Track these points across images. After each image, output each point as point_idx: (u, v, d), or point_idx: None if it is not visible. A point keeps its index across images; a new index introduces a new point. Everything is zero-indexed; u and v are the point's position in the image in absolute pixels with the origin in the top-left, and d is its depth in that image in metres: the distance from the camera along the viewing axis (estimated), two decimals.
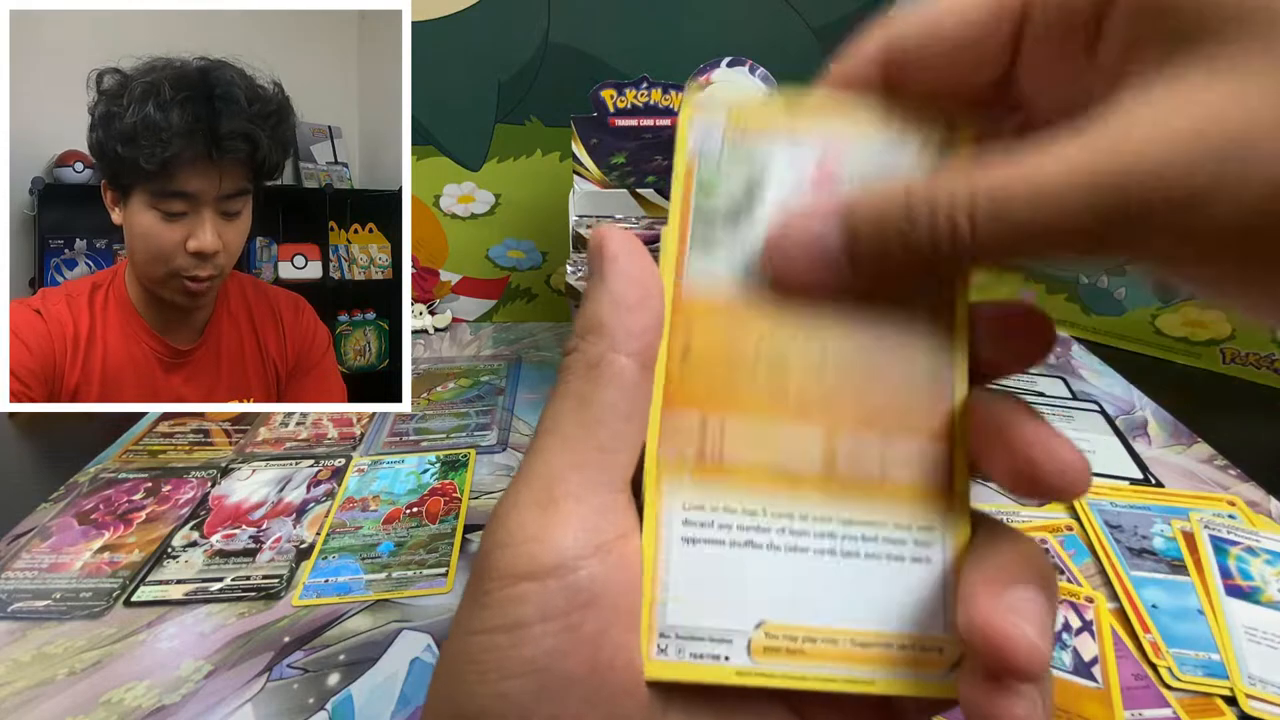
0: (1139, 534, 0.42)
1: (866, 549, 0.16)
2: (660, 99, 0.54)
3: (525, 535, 0.14)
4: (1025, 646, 0.13)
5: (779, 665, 0.15)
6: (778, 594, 0.15)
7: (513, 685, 0.13)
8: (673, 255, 0.16)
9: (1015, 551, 0.15)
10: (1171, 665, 0.34)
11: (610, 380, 0.15)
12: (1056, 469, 0.14)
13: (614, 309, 0.15)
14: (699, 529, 0.15)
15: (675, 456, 0.15)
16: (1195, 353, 0.64)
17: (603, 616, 0.14)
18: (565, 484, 0.14)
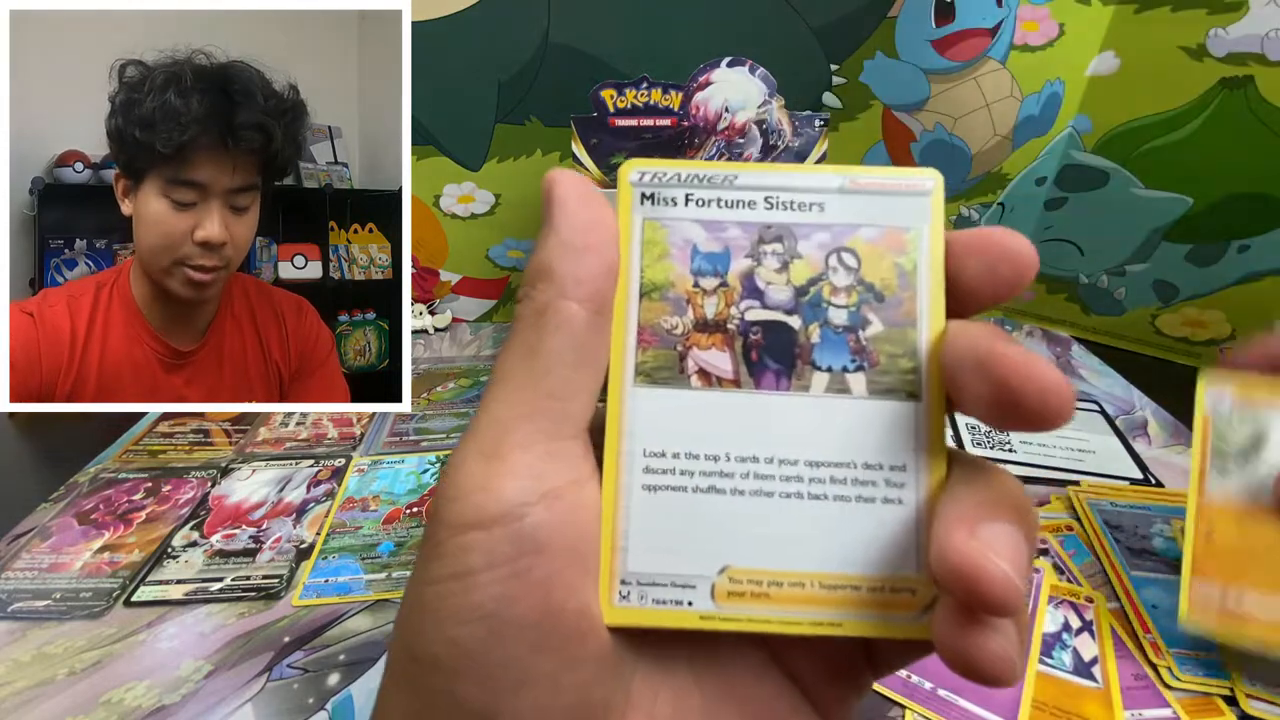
0: (1139, 534, 0.42)
1: (835, 491, 0.15)
2: (660, 99, 0.54)
3: (472, 485, 0.14)
4: (1000, 579, 0.12)
5: (744, 609, 0.15)
6: (743, 538, 0.15)
7: (463, 631, 0.13)
8: (1195, 476, 0.22)
9: (991, 487, 0.14)
10: (1171, 665, 0.34)
11: (558, 327, 0.14)
12: (1036, 391, 0.13)
13: (562, 254, 0.15)
14: (660, 476, 0.15)
15: (1201, 613, 0.18)
16: (1195, 353, 0.64)
17: (552, 562, 0.14)
18: (512, 434, 0.14)
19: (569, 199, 0.15)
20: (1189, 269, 0.62)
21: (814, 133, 0.55)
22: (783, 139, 0.55)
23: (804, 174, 0.16)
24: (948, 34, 0.58)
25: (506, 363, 0.15)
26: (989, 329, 0.15)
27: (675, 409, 0.16)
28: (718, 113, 0.54)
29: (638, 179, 0.16)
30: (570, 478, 0.14)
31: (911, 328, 0.15)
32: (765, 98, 0.54)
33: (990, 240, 0.15)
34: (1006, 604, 0.12)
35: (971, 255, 0.15)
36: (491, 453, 0.14)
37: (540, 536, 0.14)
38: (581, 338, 0.15)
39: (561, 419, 0.14)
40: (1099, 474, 0.48)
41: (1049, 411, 0.13)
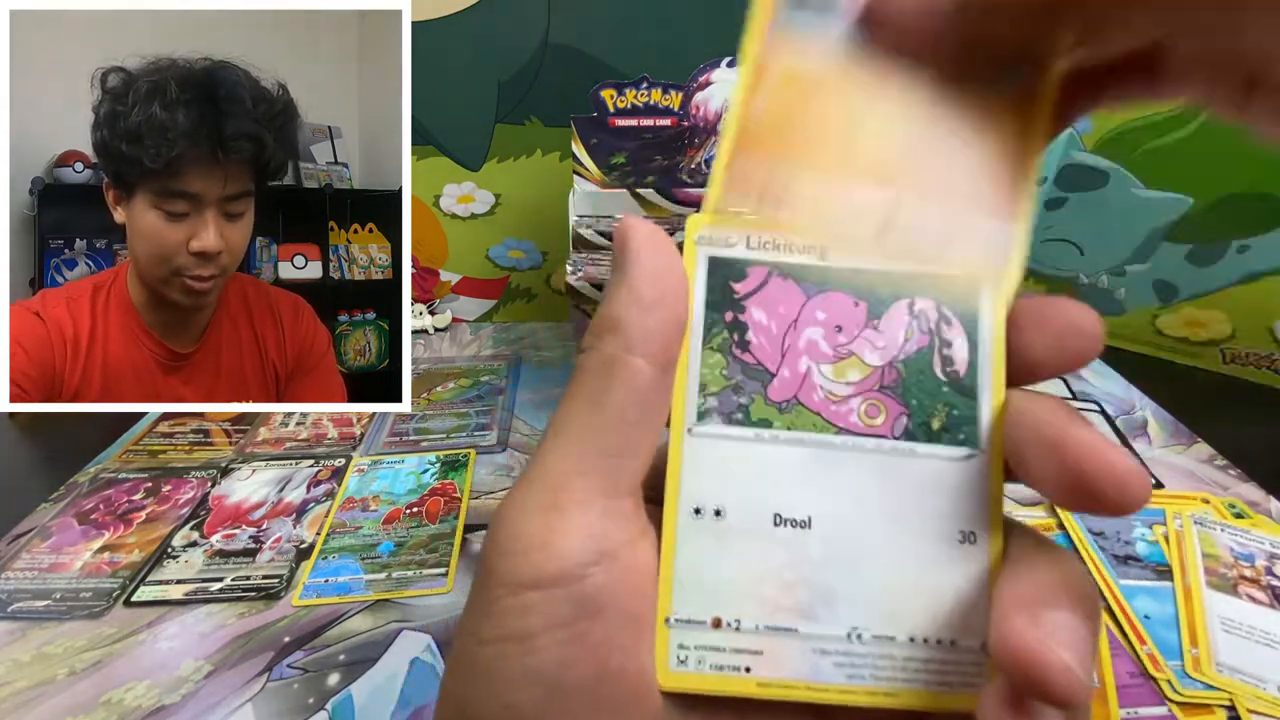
0: (1121, 539, 0.42)
1: (897, 555, 0.15)
2: (660, 99, 0.53)
3: (530, 543, 0.13)
4: (1062, 672, 0.12)
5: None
6: (803, 602, 0.15)
7: (520, 696, 0.13)
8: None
9: (1054, 570, 0.14)
10: (1171, 678, 0.34)
11: (623, 382, 0.14)
12: (1113, 483, 0.13)
13: (632, 307, 0.14)
14: (720, 536, 0.15)
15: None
16: (1195, 353, 0.64)
17: (609, 625, 0.14)
18: (571, 489, 0.14)
19: (643, 250, 0.15)
20: (1189, 269, 0.62)
21: None
22: None
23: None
24: None
25: (568, 414, 0.15)
26: (1058, 405, 0.14)
27: (736, 464, 0.15)
28: (718, 113, 0.54)
29: (703, 237, 0.16)
30: (626, 537, 0.14)
31: (974, 393, 0.15)
32: None
33: (1057, 313, 0.15)
34: (1068, 697, 0.12)
35: (1037, 328, 0.15)
36: (550, 507, 0.14)
37: (600, 599, 0.13)
38: (645, 394, 0.14)
39: (620, 477, 0.14)
40: None
41: (1127, 501, 0.13)
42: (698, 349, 0.16)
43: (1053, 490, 0.14)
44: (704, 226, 0.16)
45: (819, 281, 0.16)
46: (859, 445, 0.15)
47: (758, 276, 0.16)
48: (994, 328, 0.16)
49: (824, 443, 0.15)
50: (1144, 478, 0.13)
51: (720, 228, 0.16)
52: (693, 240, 0.16)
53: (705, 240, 0.16)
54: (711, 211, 0.15)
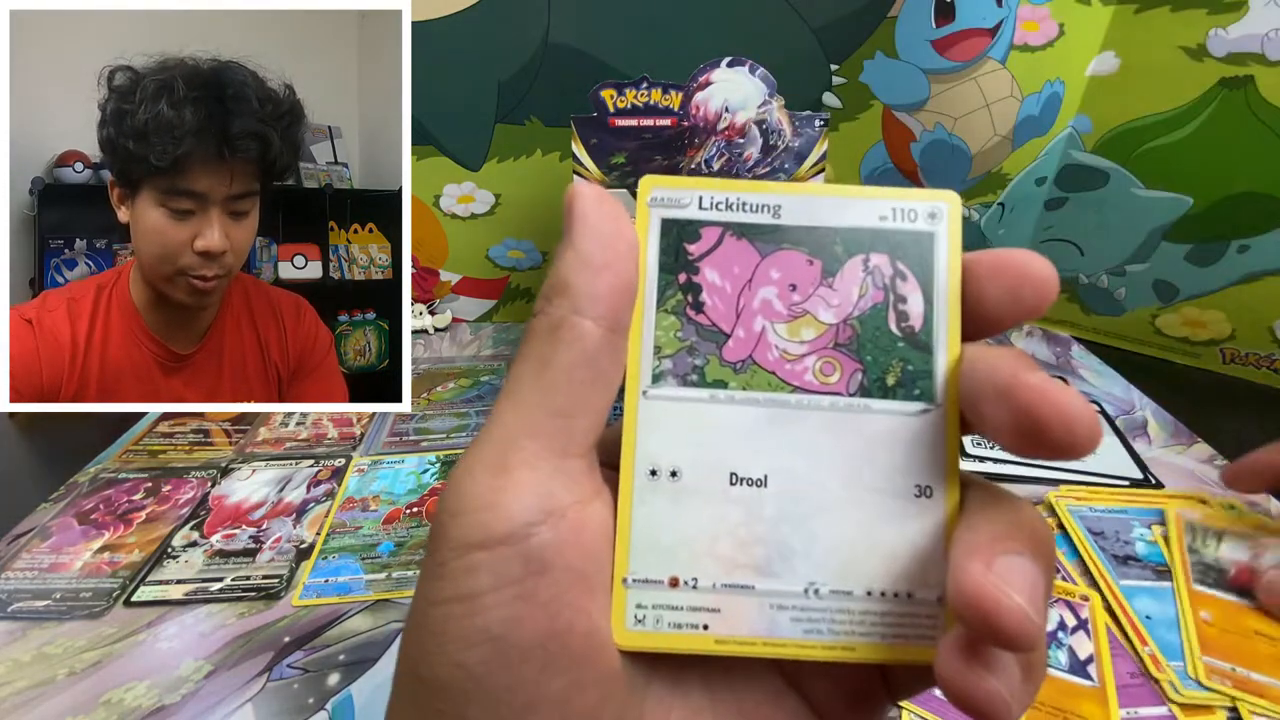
0: (1121, 539, 0.42)
1: (853, 510, 0.15)
2: (660, 99, 0.53)
3: (478, 503, 0.14)
4: (1015, 614, 0.12)
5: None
6: (760, 559, 0.15)
7: (470, 655, 0.13)
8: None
9: (1008, 517, 0.14)
10: (1174, 679, 0.34)
11: (571, 343, 0.14)
12: (1061, 421, 0.13)
13: (580, 270, 0.14)
14: (675, 495, 0.15)
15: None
16: (1195, 353, 0.64)
17: (557, 583, 0.14)
18: (520, 450, 0.14)
19: (589, 214, 0.15)
20: (1189, 269, 0.62)
21: (814, 133, 0.55)
22: (783, 139, 0.55)
23: (820, 192, 0.16)
24: (948, 34, 0.58)
25: (517, 377, 0.15)
26: (1010, 354, 0.14)
27: (692, 425, 0.15)
28: (718, 113, 0.54)
29: (656, 199, 0.16)
30: (575, 497, 0.14)
31: (929, 348, 0.15)
32: (765, 98, 0.54)
33: (1012, 263, 0.15)
34: (1021, 639, 0.12)
35: (993, 278, 0.15)
36: (498, 468, 0.14)
37: (546, 557, 0.14)
38: (594, 355, 0.14)
39: (569, 437, 0.14)
40: (1098, 474, 0.48)
41: (1076, 441, 0.13)
42: (652, 311, 0.16)
43: (1006, 436, 0.14)
44: (656, 188, 0.16)
45: (773, 240, 0.16)
46: (814, 403, 0.15)
47: (711, 237, 0.16)
48: (949, 282, 0.16)
49: (779, 401, 0.15)
50: (1092, 418, 0.13)
51: (673, 188, 0.16)
52: (645, 202, 0.16)
53: (658, 202, 0.16)
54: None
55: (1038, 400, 0.13)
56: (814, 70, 0.61)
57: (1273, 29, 0.52)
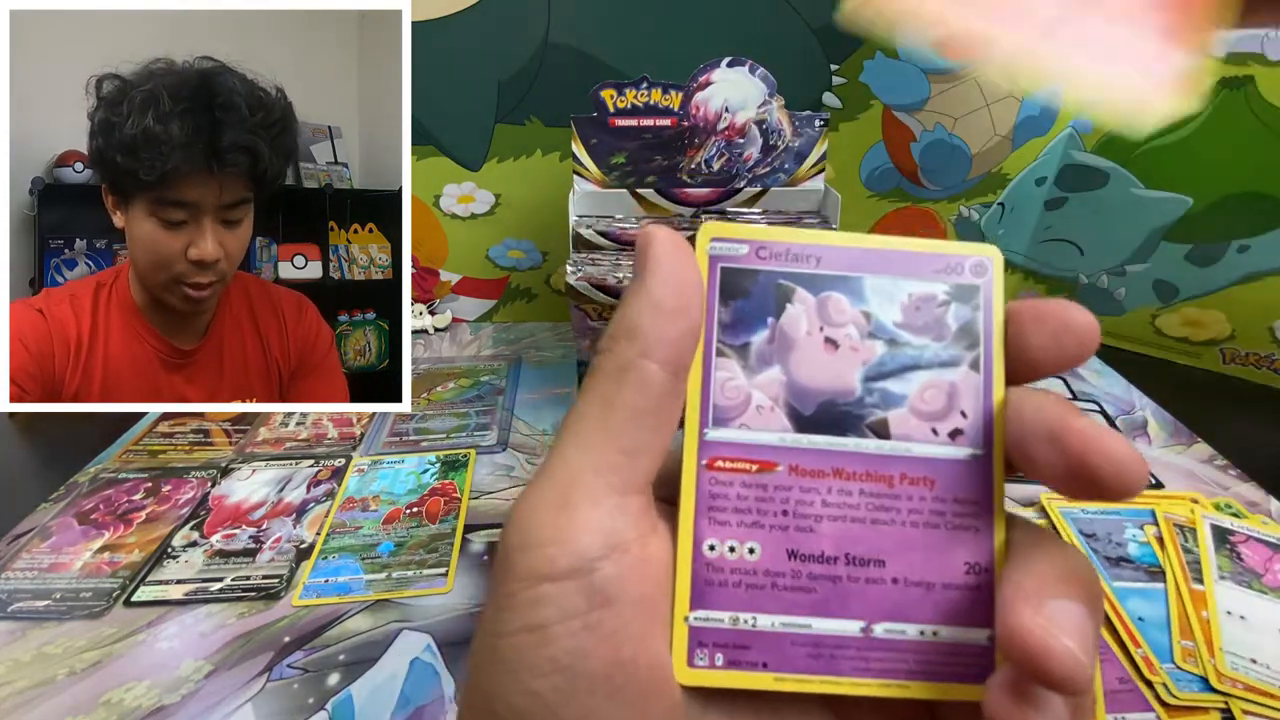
0: (1113, 540, 0.42)
1: (907, 549, 0.16)
2: (660, 99, 0.53)
3: (544, 538, 0.14)
4: (1067, 659, 0.13)
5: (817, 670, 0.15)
6: (817, 596, 0.16)
7: (542, 684, 0.14)
8: None
9: (1056, 561, 0.14)
10: (1167, 681, 0.34)
11: (638, 385, 0.15)
12: (1113, 468, 0.13)
13: (650, 313, 0.15)
14: (732, 531, 0.16)
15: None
16: (1195, 353, 0.64)
17: (621, 615, 0.14)
18: (583, 486, 0.14)
19: (664, 258, 0.15)
20: (1189, 269, 0.62)
21: (814, 133, 0.55)
22: (783, 139, 0.55)
23: (873, 244, 0.17)
24: None
25: (582, 414, 0.15)
26: (1057, 399, 0.15)
27: (749, 467, 0.16)
28: (718, 113, 0.54)
29: (716, 247, 0.17)
30: (637, 532, 0.15)
31: (976, 396, 0.16)
32: (765, 98, 0.54)
33: (1054, 313, 0.15)
34: (1073, 683, 0.13)
35: (1036, 327, 0.16)
36: (563, 504, 0.14)
37: (610, 590, 0.14)
38: (658, 398, 0.15)
39: (631, 475, 0.15)
40: None
41: (1125, 486, 0.13)
42: (711, 355, 0.16)
43: (1056, 479, 0.14)
44: (716, 237, 0.17)
45: (826, 290, 0.17)
46: (868, 448, 0.16)
47: (768, 285, 0.17)
48: (994, 332, 0.16)
49: (834, 445, 0.16)
50: (1141, 463, 0.14)
51: (732, 238, 0.17)
52: (705, 250, 0.17)
53: (717, 250, 0.17)
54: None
55: (1090, 446, 0.14)
56: (814, 70, 0.61)
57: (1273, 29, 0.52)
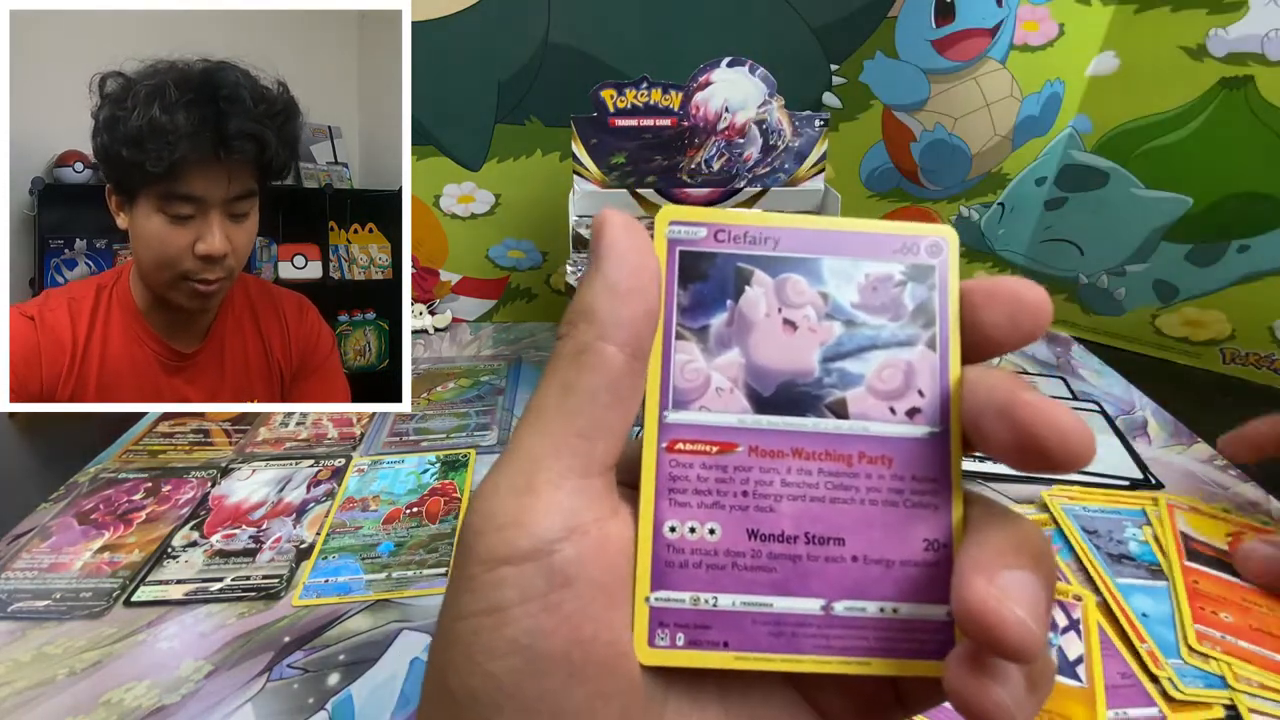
0: (1114, 539, 0.42)
1: (865, 527, 0.16)
2: (660, 99, 0.54)
3: (503, 520, 0.14)
4: (1019, 628, 0.13)
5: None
6: (776, 576, 0.16)
7: (499, 665, 0.14)
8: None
9: (1009, 532, 0.15)
10: (1173, 676, 0.34)
11: (595, 368, 0.15)
12: (1058, 438, 0.14)
13: (606, 296, 0.15)
14: (691, 511, 0.16)
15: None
16: (1195, 353, 0.64)
17: (580, 596, 0.14)
18: (543, 470, 0.15)
19: (618, 241, 0.16)
20: (1189, 269, 0.62)
21: (814, 133, 0.55)
22: (783, 139, 0.55)
23: (829, 225, 0.17)
24: (948, 34, 0.58)
25: (541, 398, 0.15)
26: (1007, 375, 0.15)
27: (709, 448, 0.16)
28: (718, 113, 0.54)
29: (674, 231, 0.17)
30: (596, 514, 0.15)
31: (933, 375, 0.16)
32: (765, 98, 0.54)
33: (1009, 291, 0.16)
34: (1023, 650, 0.13)
35: (989, 304, 0.16)
36: (523, 488, 0.14)
37: (570, 571, 0.14)
38: (616, 380, 0.15)
39: (591, 457, 0.15)
40: (1099, 475, 0.48)
41: (1071, 454, 0.14)
42: (670, 338, 0.16)
43: (1007, 453, 0.15)
44: (674, 220, 0.17)
45: (783, 271, 0.17)
46: (826, 427, 0.16)
47: (725, 267, 0.17)
48: (950, 311, 0.16)
49: (793, 425, 0.16)
50: (1085, 432, 0.14)
51: (689, 221, 0.17)
52: (663, 234, 0.17)
53: (675, 234, 0.17)
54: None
55: (1035, 418, 0.14)
56: (814, 70, 0.61)
57: (1273, 29, 0.52)
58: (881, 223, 0.17)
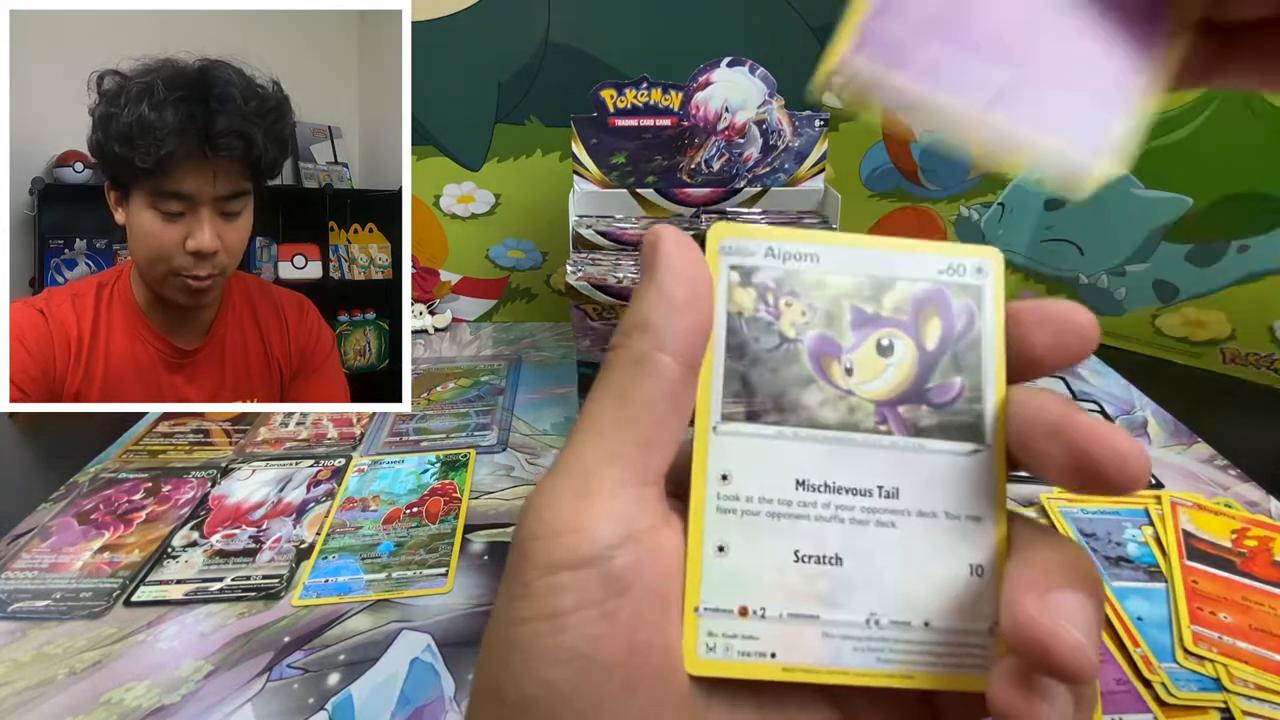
0: (1112, 540, 0.42)
1: (912, 541, 0.16)
2: (660, 99, 0.53)
3: (562, 526, 0.14)
4: (1074, 648, 0.13)
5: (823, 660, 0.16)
6: (824, 589, 0.16)
7: (557, 672, 0.14)
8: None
9: (1058, 554, 0.15)
10: (1166, 680, 0.34)
11: (652, 377, 0.15)
12: (1116, 461, 0.14)
13: (661, 308, 0.15)
14: (742, 525, 0.16)
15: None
16: (1195, 353, 0.64)
17: (636, 603, 0.14)
18: (600, 477, 0.15)
19: (673, 255, 0.16)
20: (1189, 269, 0.62)
21: (814, 133, 0.55)
22: (783, 139, 0.55)
23: (879, 245, 0.17)
24: None
25: (597, 407, 0.15)
26: (1057, 397, 0.15)
27: (759, 460, 0.16)
28: (718, 113, 0.54)
29: (726, 247, 0.17)
30: (651, 523, 0.15)
31: (979, 393, 0.16)
32: (765, 98, 0.54)
33: (1057, 314, 0.16)
34: (1078, 672, 0.13)
35: (1040, 327, 0.16)
36: (580, 494, 0.14)
37: (626, 578, 0.14)
38: (671, 390, 0.15)
39: (646, 466, 0.15)
40: None
41: (1128, 477, 0.14)
42: (721, 351, 0.17)
43: (1059, 474, 0.14)
44: (726, 237, 0.17)
45: (831, 289, 0.17)
46: (873, 443, 0.16)
47: (776, 286, 0.17)
48: (995, 331, 0.17)
49: (841, 440, 0.16)
50: (1144, 455, 0.14)
51: (742, 238, 0.17)
52: (716, 250, 0.17)
53: (727, 250, 0.17)
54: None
55: (1091, 440, 0.14)
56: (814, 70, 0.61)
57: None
58: (928, 243, 0.17)
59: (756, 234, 0.17)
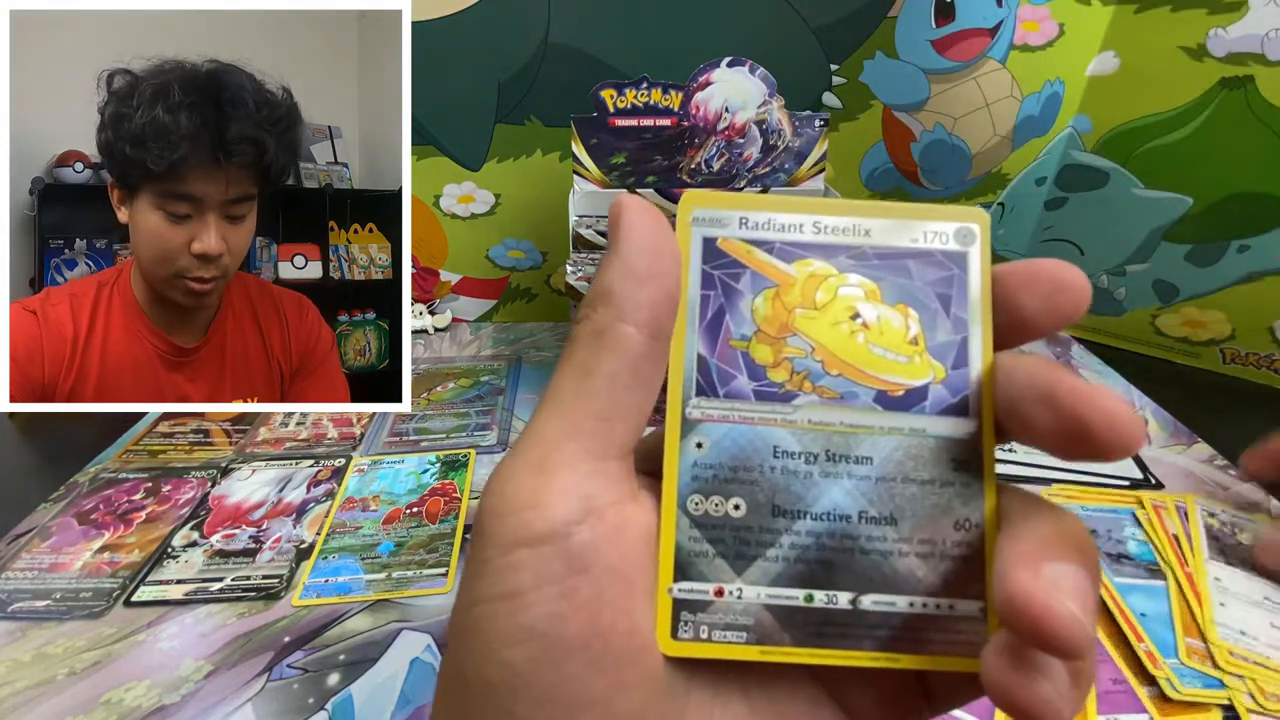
0: (1113, 538, 0.42)
1: (896, 517, 0.15)
2: (660, 99, 0.53)
3: (519, 503, 0.14)
4: (1069, 621, 0.12)
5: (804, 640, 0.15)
6: (802, 567, 0.15)
7: (516, 653, 0.13)
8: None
9: (1052, 524, 0.14)
10: (1170, 676, 0.34)
11: (613, 349, 0.15)
12: (1106, 422, 0.13)
13: (624, 278, 0.15)
14: (717, 501, 0.15)
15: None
16: (1195, 353, 0.64)
17: (598, 582, 0.14)
18: (560, 452, 0.14)
19: (635, 225, 0.15)
20: (1189, 269, 0.62)
21: (814, 133, 0.55)
22: (783, 139, 0.55)
23: (857, 211, 0.16)
24: (948, 34, 0.58)
25: (559, 381, 0.15)
26: (1045, 361, 0.15)
27: (734, 438, 0.16)
28: (718, 113, 0.54)
29: (698, 218, 0.16)
30: (613, 498, 0.14)
31: (964, 362, 0.16)
32: (765, 98, 0.54)
33: (1045, 272, 0.15)
34: (1074, 646, 0.12)
35: (1028, 288, 0.15)
36: (539, 470, 0.14)
37: (587, 556, 0.14)
38: (636, 362, 0.15)
39: (608, 440, 0.15)
40: (1099, 474, 0.48)
41: (1120, 440, 0.13)
42: (694, 327, 0.16)
43: (1050, 439, 0.14)
44: (698, 207, 0.16)
45: (809, 257, 0.16)
46: (854, 418, 0.16)
47: (751, 255, 0.16)
48: (981, 298, 0.16)
49: (820, 415, 0.16)
50: (1136, 417, 0.13)
51: (714, 208, 0.16)
52: (687, 221, 0.16)
53: (699, 220, 0.16)
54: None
55: (1082, 403, 0.13)
56: (814, 70, 0.61)
57: (1273, 29, 0.52)
58: (912, 206, 0.16)
59: (729, 203, 0.16)
